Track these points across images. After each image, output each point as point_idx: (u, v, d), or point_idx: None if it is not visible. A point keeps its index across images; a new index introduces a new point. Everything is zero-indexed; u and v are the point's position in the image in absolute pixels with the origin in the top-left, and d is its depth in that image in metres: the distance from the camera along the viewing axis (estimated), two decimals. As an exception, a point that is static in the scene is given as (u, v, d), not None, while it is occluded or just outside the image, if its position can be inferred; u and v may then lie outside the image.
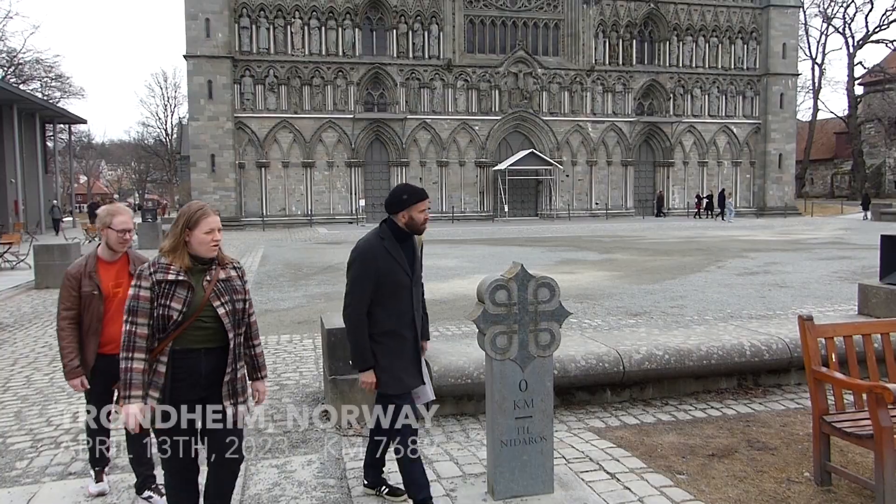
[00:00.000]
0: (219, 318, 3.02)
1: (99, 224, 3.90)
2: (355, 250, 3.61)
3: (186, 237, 3.01)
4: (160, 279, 2.94)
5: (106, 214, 3.89)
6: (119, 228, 3.86)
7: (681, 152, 43.23)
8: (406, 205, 3.57)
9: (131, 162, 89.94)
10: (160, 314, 2.93)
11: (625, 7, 41.67)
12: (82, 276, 3.84)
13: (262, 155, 37.37)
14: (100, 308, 3.84)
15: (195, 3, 35.65)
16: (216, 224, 3.07)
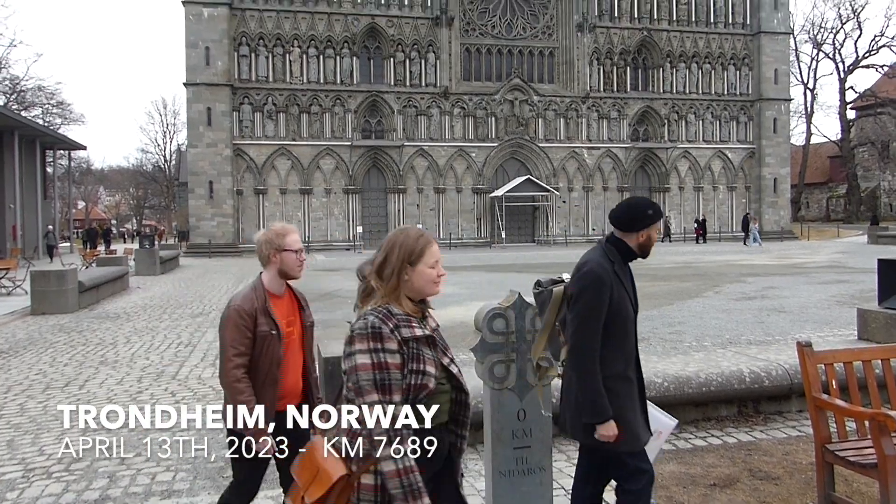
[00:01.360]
0: (453, 379, 2.37)
1: (267, 249, 3.23)
2: (586, 276, 3.04)
3: (406, 274, 2.33)
4: (407, 336, 2.22)
5: (275, 235, 3.24)
6: (296, 248, 3.25)
7: (676, 177, 43.45)
8: (649, 222, 3.15)
9: (130, 188, 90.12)
10: (413, 384, 2.22)
11: (618, 35, 42.15)
12: (258, 313, 3.14)
13: (260, 182, 37.48)
14: (278, 352, 3.18)
15: (195, 32, 36.01)
16: (439, 254, 2.48)
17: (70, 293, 14.32)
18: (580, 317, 3.00)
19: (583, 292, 3.01)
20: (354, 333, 2.19)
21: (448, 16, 39.05)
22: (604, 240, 3.20)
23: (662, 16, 42.70)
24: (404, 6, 39.12)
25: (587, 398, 3.00)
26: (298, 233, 3.36)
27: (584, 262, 3.11)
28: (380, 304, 2.27)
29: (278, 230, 3.26)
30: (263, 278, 3.25)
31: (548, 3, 41.96)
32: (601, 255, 3.10)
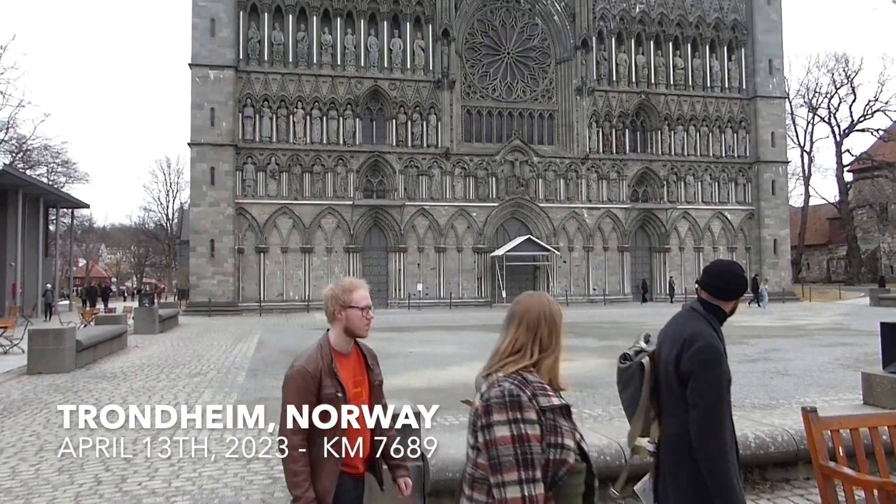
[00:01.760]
0: (587, 459, 2.20)
1: (333, 305, 3.04)
2: (708, 351, 2.81)
3: (553, 341, 2.18)
4: (545, 405, 2.08)
5: (341, 291, 3.04)
6: (363, 305, 3.03)
7: (676, 238, 43.65)
8: (743, 291, 3.07)
9: (131, 246, 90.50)
10: (553, 459, 2.06)
11: (617, 98, 43.00)
12: (322, 374, 2.94)
13: (261, 240, 37.65)
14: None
15: (201, 93, 36.78)
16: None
17: (67, 352, 14.21)
18: (709, 393, 2.78)
19: (707, 369, 2.79)
20: (491, 403, 2.05)
21: (449, 79, 39.93)
22: (698, 306, 3.04)
23: (660, 80, 43.66)
24: (407, 70, 40.04)
25: (724, 483, 2.73)
26: (367, 288, 3.17)
27: (694, 333, 2.89)
28: (511, 372, 2.14)
29: (345, 286, 3.08)
30: (330, 336, 3.06)
31: (547, 68, 42.95)
32: (706, 325, 2.93)
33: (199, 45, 37.00)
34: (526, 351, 2.20)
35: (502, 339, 2.27)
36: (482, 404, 2.08)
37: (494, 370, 2.19)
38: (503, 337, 2.27)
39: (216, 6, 37.13)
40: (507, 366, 2.18)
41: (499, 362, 2.21)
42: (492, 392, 2.08)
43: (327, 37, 39.00)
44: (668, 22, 43.89)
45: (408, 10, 40.07)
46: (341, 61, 39.13)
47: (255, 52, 38.18)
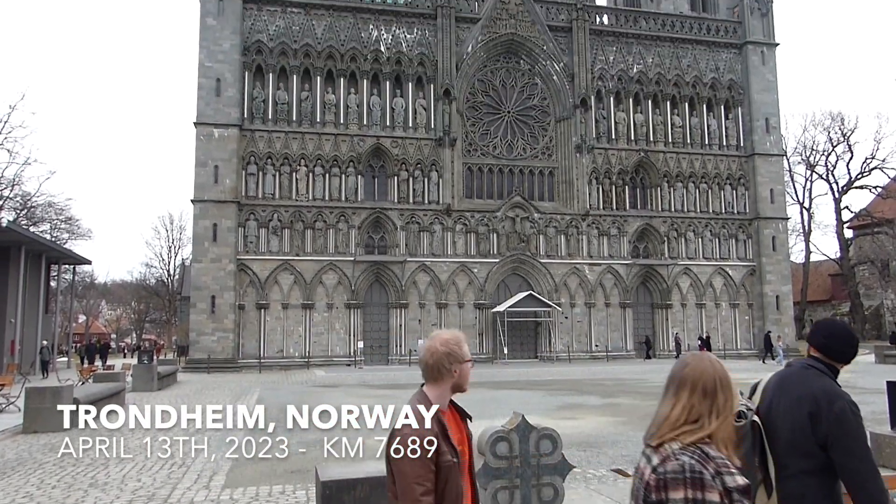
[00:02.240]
0: None
1: (450, 361, 2.81)
2: (851, 408, 2.80)
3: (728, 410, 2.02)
4: (731, 486, 1.89)
5: (455, 346, 2.82)
6: (469, 358, 2.86)
7: (678, 294, 43.55)
8: (856, 354, 3.06)
9: (131, 302, 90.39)
10: None
11: (616, 155, 43.54)
12: (438, 438, 2.68)
13: (262, 296, 37.60)
14: (460, 483, 2.70)
15: (205, 151, 37.30)
16: None
17: (63, 411, 14.01)
18: (864, 453, 2.76)
19: (857, 427, 2.78)
20: (668, 478, 1.87)
21: (451, 137, 40.53)
22: (818, 364, 3.01)
23: (658, 138, 44.28)
24: (409, 128, 40.69)
25: None
26: None
27: (829, 391, 2.85)
28: (688, 443, 1.95)
29: (454, 339, 2.86)
30: (429, 394, 2.80)
31: (547, 126, 43.64)
32: (833, 383, 2.90)
33: (204, 104, 37.71)
34: (703, 420, 2.03)
35: (671, 405, 2.09)
36: (655, 478, 1.91)
37: (667, 440, 2.01)
38: (672, 402, 2.09)
39: (222, 67, 38.00)
40: (683, 436, 2.00)
41: (671, 431, 2.03)
42: (668, 465, 1.91)
43: (331, 96, 39.78)
44: (665, 82, 44.78)
45: (410, 71, 40.96)
46: (344, 119, 39.81)
47: (260, 110, 38.88)
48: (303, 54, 39.55)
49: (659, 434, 2.06)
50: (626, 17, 45.63)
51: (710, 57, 46.04)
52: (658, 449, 2.02)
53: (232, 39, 38.34)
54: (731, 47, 46.41)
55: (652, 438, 2.07)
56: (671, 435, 2.02)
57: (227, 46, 38.21)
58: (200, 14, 38.40)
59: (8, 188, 46.46)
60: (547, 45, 42.89)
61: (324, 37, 39.98)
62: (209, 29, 38.26)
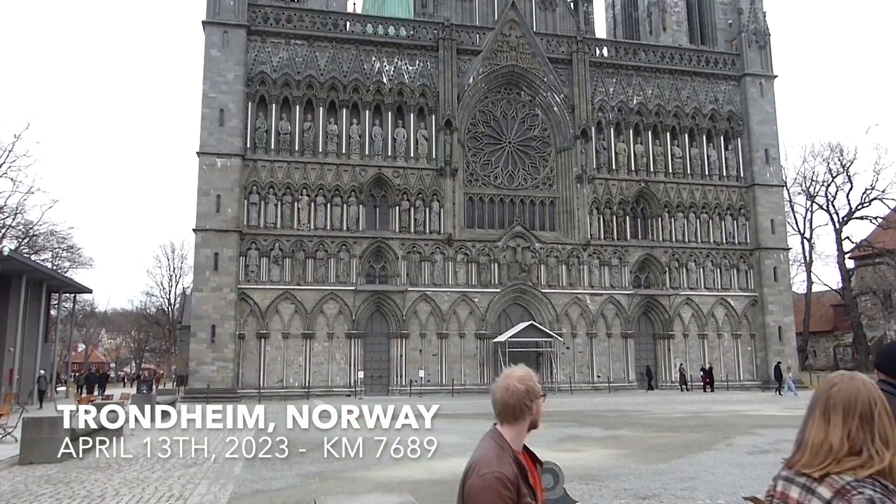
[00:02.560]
0: None
1: (530, 399, 2.69)
2: None
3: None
4: None
5: (532, 382, 2.68)
6: (543, 393, 2.73)
7: (680, 324, 43.38)
8: None
9: (131, 331, 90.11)
10: None
11: (617, 186, 43.69)
12: (519, 481, 2.50)
13: (262, 325, 37.47)
14: None
15: (208, 181, 37.48)
16: None
17: (61, 441, 13.87)
18: None
19: None
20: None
21: (452, 167, 40.73)
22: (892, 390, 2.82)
23: (658, 169, 44.47)
24: (410, 158, 40.91)
25: None
26: None
27: None
28: (864, 476, 1.80)
29: (528, 374, 2.71)
30: (507, 435, 2.65)
31: (547, 156, 43.88)
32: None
33: (207, 134, 37.99)
34: (868, 450, 1.84)
35: (825, 431, 1.91)
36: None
37: (834, 471, 1.85)
38: (824, 428, 1.91)
39: (226, 98, 38.36)
40: (857, 470, 1.83)
41: (836, 464, 1.86)
42: (853, 500, 1.75)
43: (333, 126, 40.08)
44: (665, 113, 45.12)
45: (412, 102, 41.33)
46: (346, 150, 40.06)
47: (262, 140, 39.14)
48: (306, 85, 39.94)
49: (819, 464, 1.89)
50: (626, 49, 46.14)
51: (709, 88, 46.45)
52: (824, 480, 1.86)
53: (236, 71, 38.75)
54: (730, 79, 46.84)
55: (807, 467, 1.90)
56: (838, 468, 1.85)
57: (231, 77, 38.61)
58: (205, 46, 38.87)
59: (11, 217, 46.63)
60: (547, 77, 43.32)
61: (327, 68, 40.41)
62: (213, 60, 38.70)
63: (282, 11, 40.69)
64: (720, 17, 48.47)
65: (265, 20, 40.19)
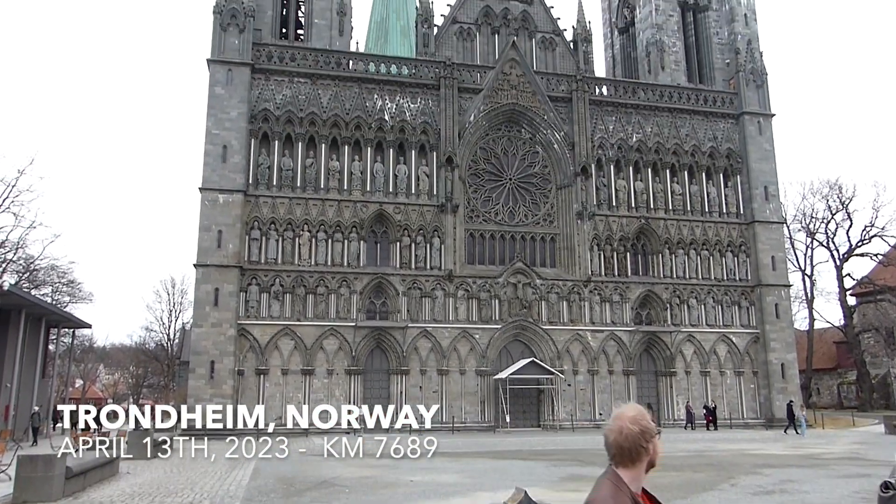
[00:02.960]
0: None
1: (647, 438, 2.63)
2: None
3: None
4: None
5: (642, 417, 2.64)
6: (658, 430, 2.70)
7: (682, 361, 43.09)
8: None
9: (130, 366, 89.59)
10: None
11: (617, 222, 43.81)
12: None
13: (262, 361, 37.24)
14: None
15: (210, 216, 37.61)
16: None
17: (56, 479, 13.69)
18: None
19: None
20: None
21: (453, 203, 40.89)
22: None
23: (659, 205, 44.63)
24: (411, 194, 41.11)
25: None
26: None
27: None
28: None
29: (640, 413, 2.64)
30: (626, 478, 2.56)
31: (548, 193, 44.09)
32: None
33: (210, 170, 38.24)
34: None
35: None
36: None
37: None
38: None
39: (229, 134, 38.69)
40: None
41: None
42: None
43: (335, 163, 40.36)
44: (664, 150, 45.44)
45: (413, 139, 41.68)
46: (348, 186, 40.27)
47: (265, 176, 39.37)
48: (308, 122, 40.34)
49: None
50: (625, 88, 46.68)
51: (707, 126, 46.86)
52: None
53: (239, 108, 39.17)
54: (729, 117, 47.29)
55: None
56: None
57: (235, 114, 39.01)
58: (209, 83, 39.34)
59: (12, 251, 46.69)
60: (548, 115, 43.76)
61: (329, 106, 40.85)
62: (217, 98, 39.13)
63: (285, 50, 41.30)
64: (718, 56, 49.15)
65: (269, 58, 40.76)
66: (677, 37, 48.98)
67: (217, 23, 39.85)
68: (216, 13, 39.91)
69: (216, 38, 39.74)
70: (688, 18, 50.09)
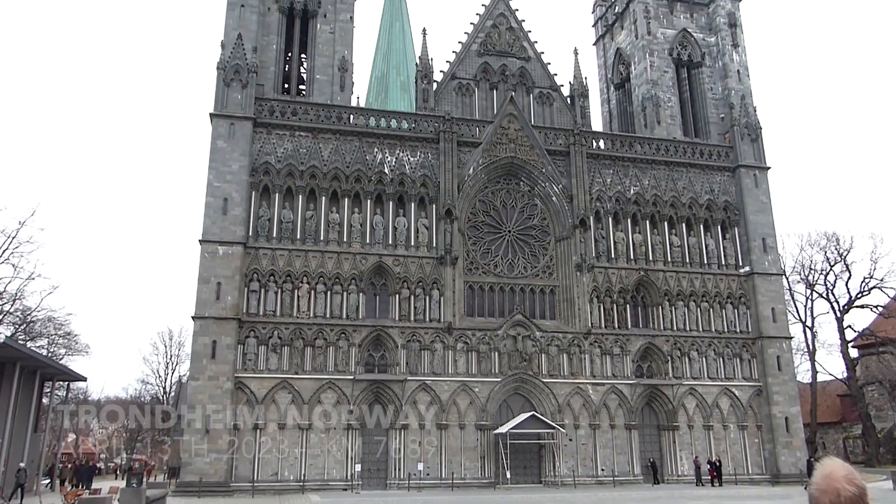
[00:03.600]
0: None
1: (861, 501, 2.45)
2: None
3: None
4: None
5: (856, 476, 2.47)
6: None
7: (684, 415, 42.49)
8: None
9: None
10: None
11: (616, 274, 43.79)
12: None
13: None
14: None
15: (209, 268, 37.56)
16: None
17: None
18: None
19: None
20: None
21: (452, 255, 40.93)
22: None
23: (657, 257, 44.71)
24: (410, 246, 41.19)
25: None
26: None
27: None
28: None
29: (851, 472, 2.43)
30: None
31: (547, 245, 44.19)
32: None
33: (210, 222, 38.36)
34: None
35: None
36: None
37: None
38: None
39: (230, 187, 38.97)
40: None
41: None
42: None
43: (335, 215, 40.55)
44: (662, 203, 45.75)
45: (413, 192, 41.98)
46: (347, 238, 40.38)
47: (265, 229, 39.49)
48: (309, 175, 40.67)
49: None
50: (622, 141, 47.28)
51: (704, 179, 47.29)
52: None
53: (241, 161, 39.53)
54: (725, 170, 47.77)
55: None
56: None
57: (236, 167, 39.35)
58: (212, 137, 39.80)
59: (9, 303, 46.46)
60: (546, 168, 44.18)
61: (330, 159, 41.26)
62: (219, 151, 39.54)
63: (287, 105, 41.93)
64: (712, 111, 49.95)
65: (271, 113, 41.36)
66: (672, 92, 49.88)
67: (220, 78, 40.54)
68: (220, 69, 40.65)
69: (219, 92, 40.37)
70: (682, 74, 51.09)
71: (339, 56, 44.06)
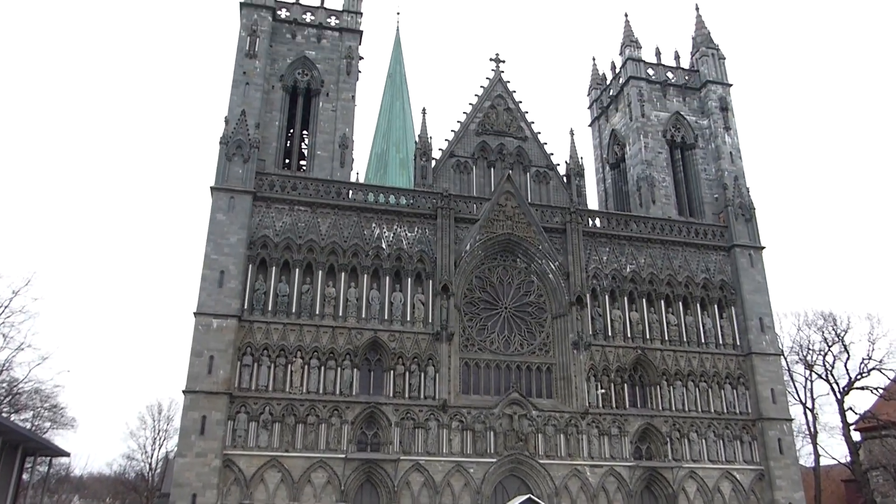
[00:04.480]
0: None
1: None
2: None
3: None
4: None
5: None
6: None
7: (685, 500, 41.21)
8: None
9: (107, 497, 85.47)
10: None
11: (614, 353, 43.38)
12: None
13: (246, 495, 35.46)
14: None
15: (202, 341, 37.10)
16: None
17: None
18: None
19: None
20: None
21: (448, 332, 40.60)
22: None
23: (655, 336, 44.42)
24: (406, 322, 40.90)
25: None
26: None
27: None
28: None
29: None
30: None
31: (544, 322, 43.93)
32: None
33: (206, 294, 38.14)
34: None
35: None
36: None
37: None
38: None
39: (227, 259, 38.95)
40: None
41: None
42: None
43: (331, 290, 40.42)
44: (658, 281, 45.80)
45: (409, 267, 42.00)
46: (343, 312, 40.12)
47: (260, 302, 39.26)
48: (307, 249, 40.77)
49: None
50: (618, 220, 47.71)
51: (700, 258, 47.51)
52: None
53: (239, 234, 39.66)
54: (720, 250, 48.06)
55: None
56: None
57: (234, 240, 39.44)
58: (211, 210, 40.03)
59: (-4, 375, 45.68)
60: (542, 245, 44.40)
61: (328, 233, 41.45)
62: (218, 223, 39.70)
63: (287, 179, 42.42)
64: (706, 191, 50.68)
65: (271, 187, 41.79)
66: (667, 172, 50.72)
67: (223, 152, 41.13)
68: (223, 143, 41.31)
69: (221, 166, 40.87)
70: (676, 155, 52.09)
71: (340, 133, 44.89)
